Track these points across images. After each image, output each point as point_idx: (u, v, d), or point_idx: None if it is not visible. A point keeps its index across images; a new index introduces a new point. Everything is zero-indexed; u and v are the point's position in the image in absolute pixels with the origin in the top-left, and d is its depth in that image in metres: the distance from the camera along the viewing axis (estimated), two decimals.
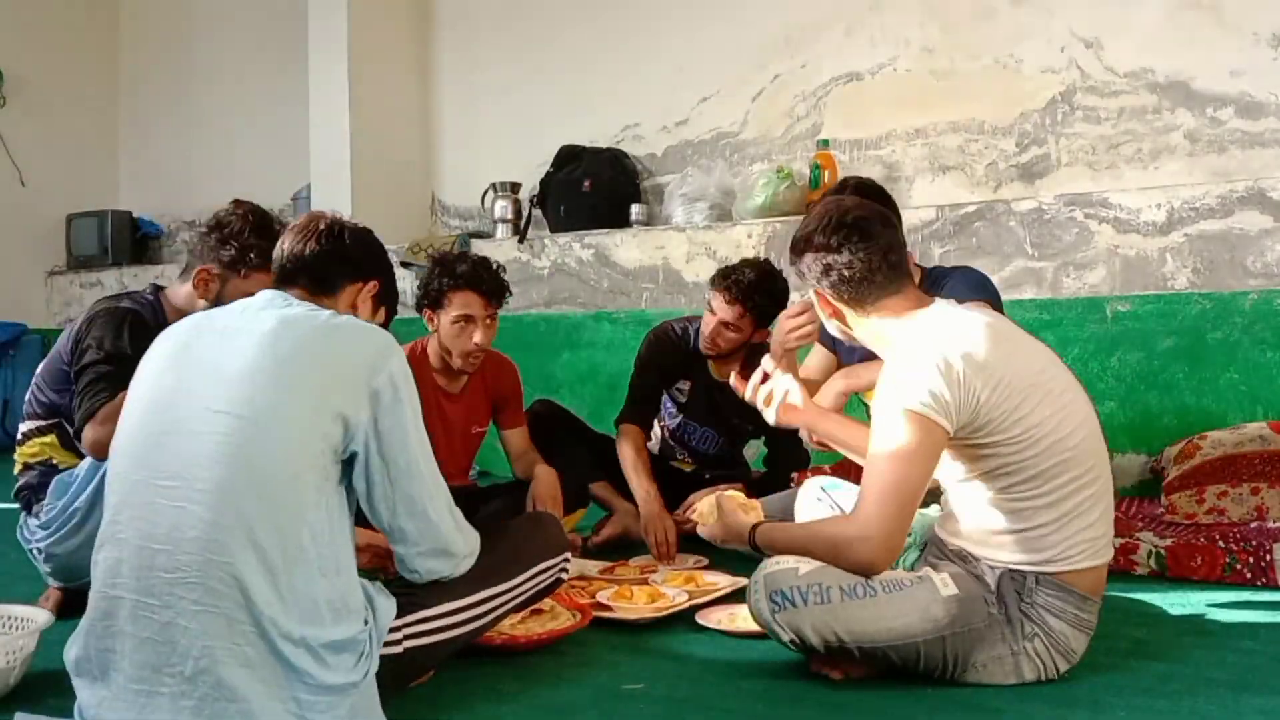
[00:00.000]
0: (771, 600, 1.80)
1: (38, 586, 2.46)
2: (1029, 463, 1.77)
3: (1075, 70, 3.82)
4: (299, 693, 1.50)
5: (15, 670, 1.86)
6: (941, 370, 1.74)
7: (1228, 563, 2.59)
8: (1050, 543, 1.78)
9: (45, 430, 2.43)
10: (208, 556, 1.48)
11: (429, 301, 2.84)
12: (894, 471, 1.74)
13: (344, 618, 1.56)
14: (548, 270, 4.73)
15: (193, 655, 1.47)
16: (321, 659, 1.52)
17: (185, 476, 1.52)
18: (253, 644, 1.48)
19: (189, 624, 1.47)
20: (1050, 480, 1.77)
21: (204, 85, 6.61)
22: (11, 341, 6.13)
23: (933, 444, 1.75)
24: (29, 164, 6.53)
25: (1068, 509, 1.78)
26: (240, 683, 1.47)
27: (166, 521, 1.50)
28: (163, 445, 1.55)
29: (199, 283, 2.41)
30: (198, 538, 1.49)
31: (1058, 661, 1.81)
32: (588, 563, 2.75)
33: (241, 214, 2.41)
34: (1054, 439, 1.77)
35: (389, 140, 5.55)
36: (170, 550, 1.49)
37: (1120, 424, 3.43)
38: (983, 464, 1.80)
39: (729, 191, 4.39)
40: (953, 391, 1.73)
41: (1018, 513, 1.79)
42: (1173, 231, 3.37)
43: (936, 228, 3.74)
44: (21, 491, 2.44)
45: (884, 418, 1.78)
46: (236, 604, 1.47)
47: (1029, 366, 1.81)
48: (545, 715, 1.78)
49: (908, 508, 1.76)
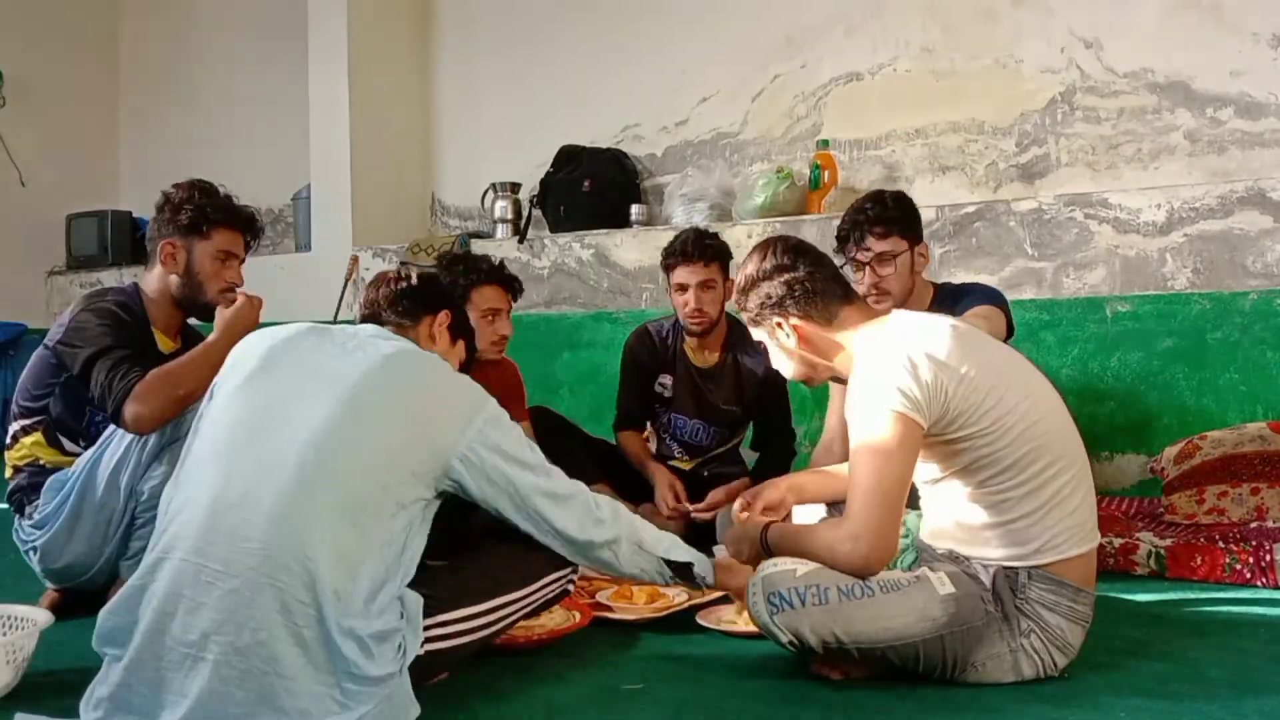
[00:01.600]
0: (769, 602, 1.80)
1: (38, 586, 2.46)
2: (1002, 453, 1.79)
3: (1075, 70, 3.82)
4: (344, 681, 1.54)
5: (15, 670, 1.86)
6: (908, 369, 1.78)
7: (1228, 563, 2.59)
8: (1035, 533, 1.80)
9: (30, 429, 2.41)
10: (286, 534, 1.54)
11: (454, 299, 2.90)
12: (875, 470, 1.77)
13: (386, 610, 1.62)
14: (548, 270, 4.73)
15: (250, 626, 1.51)
16: (368, 649, 1.56)
17: (277, 456, 1.60)
18: (311, 627, 1.52)
19: (256, 595, 1.51)
20: (1025, 469, 1.79)
21: (204, 86, 6.61)
22: (11, 341, 6.12)
23: (910, 439, 1.78)
24: (29, 164, 6.52)
25: (1047, 496, 1.80)
26: (293, 660, 1.51)
27: (246, 491, 1.57)
28: (265, 425, 1.65)
29: (165, 258, 2.46)
30: (277, 514, 1.55)
31: (1055, 656, 1.81)
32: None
33: (183, 185, 2.52)
34: (1024, 427, 1.80)
35: (389, 140, 5.55)
36: (250, 520, 1.55)
37: (1120, 424, 3.44)
38: (958, 459, 1.82)
39: (729, 192, 4.39)
40: (921, 388, 1.77)
41: (999, 505, 1.81)
42: (1173, 232, 3.37)
43: (936, 228, 3.74)
44: (14, 495, 2.43)
45: (860, 421, 1.81)
46: (304, 585, 1.52)
47: (991, 360, 1.86)
48: (545, 715, 1.78)
49: (894, 505, 1.78)
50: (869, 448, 1.78)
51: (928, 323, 1.91)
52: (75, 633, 2.23)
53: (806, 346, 1.98)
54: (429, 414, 1.74)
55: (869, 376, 1.83)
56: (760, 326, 2.03)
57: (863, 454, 1.79)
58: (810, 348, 1.98)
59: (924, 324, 1.91)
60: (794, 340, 1.98)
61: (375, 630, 1.57)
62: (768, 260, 1.99)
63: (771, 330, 2.01)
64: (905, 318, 1.94)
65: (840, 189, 4.20)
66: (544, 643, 2.08)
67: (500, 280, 2.98)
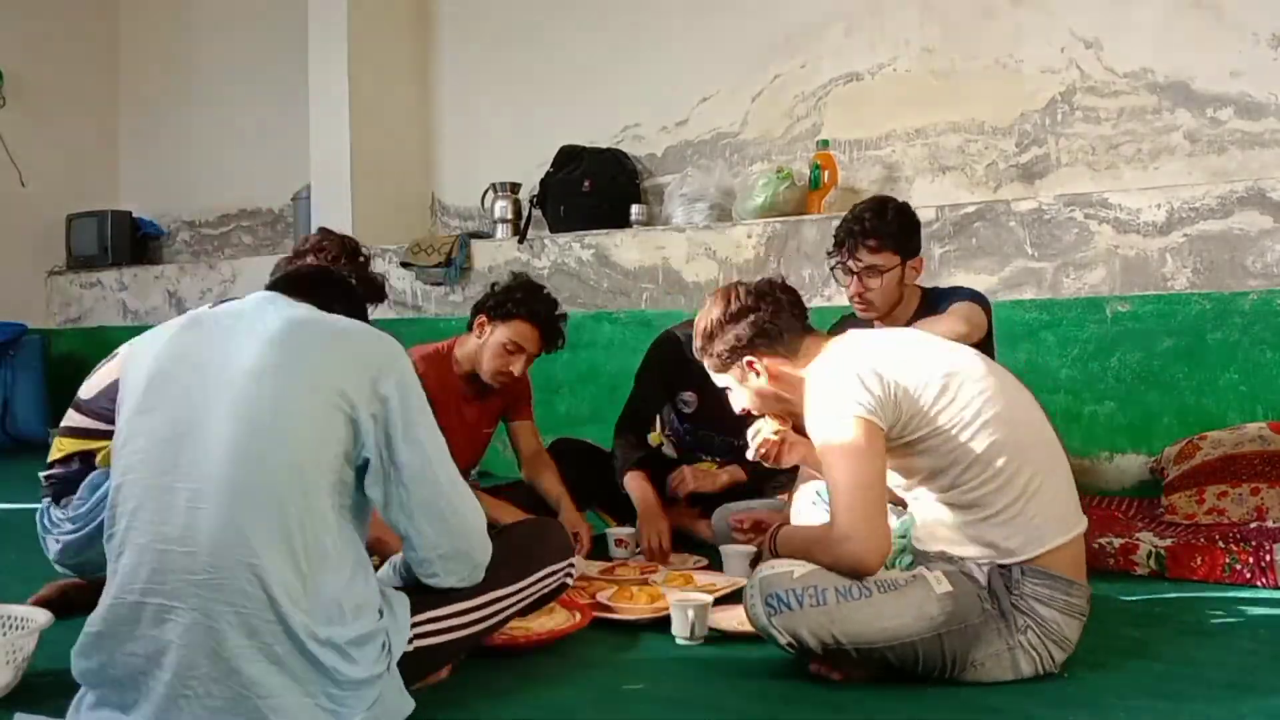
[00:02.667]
0: (767, 604, 1.80)
1: (38, 586, 2.45)
2: (962, 451, 1.82)
3: (1075, 70, 3.82)
4: (328, 688, 1.52)
5: (15, 670, 1.86)
6: (860, 378, 1.84)
7: (1228, 563, 2.59)
8: (1017, 526, 1.81)
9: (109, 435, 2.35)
10: (231, 557, 1.48)
11: (494, 311, 2.84)
12: (849, 470, 1.80)
13: (363, 613, 1.58)
14: (547, 270, 4.73)
15: (222, 655, 1.48)
16: (347, 655, 1.53)
17: (200, 478, 1.52)
18: (280, 642, 1.49)
19: (215, 624, 1.48)
20: (990, 464, 1.81)
21: (204, 85, 6.61)
22: (11, 341, 6.12)
23: (875, 438, 1.82)
24: (29, 164, 6.52)
25: (1019, 488, 1.81)
26: (271, 680, 1.48)
27: (183, 523, 1.50)
28: (179, 449, 1.54)
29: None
30: (217, 539, 1.49)
31: (1053, 652, 1.82)
32: (588, 563, 2.75)
33: None
34: (979, 422, 1.82)
35: (389, 140, 5.55)
36: (193, 552, 1.49)
37: (1120, 424, 3.44)
38: (923, 460, 1.85)
39: (729, 192, 4.39)
40: (874, 394, 1.82)
41: (976, 503, 1.83)
42: (1173, 232, 3.37)
43: (936, 228, 3.74)
44: (56, 481, 2.40)
45: (823, 433, 1.85)
46: (262, 604, 1.48)
47: (940, 359, 1.91)
48: (545, 715, 1.78)
49: (874, 500, 1.80)
50: (838, 451, 1.82)
51: (871, 339, 2.02)
52: (75, 633, 2.23)
53: (777, 384, 2.05)
54: (337, 383, 1.57)
55: (822, 395, 1.89)
56: (728, 371, 2.09)
57: (833, 457, 1.82)
58: (781, 384, 2.05)
59: (867, 342, 2.00)
60: (765, 379, 2.05)
61: (354, 635, 1.54)
62: (732, 304, 2.07)
63: (742, 373, 2.08)
64: (849, 340, 2.02)
65: (840, 189, 4.20)
66: (544, 642, 2.08)
67: (545, 326, 2.84)
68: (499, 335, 2.82)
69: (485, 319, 2.86)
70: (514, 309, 2.82)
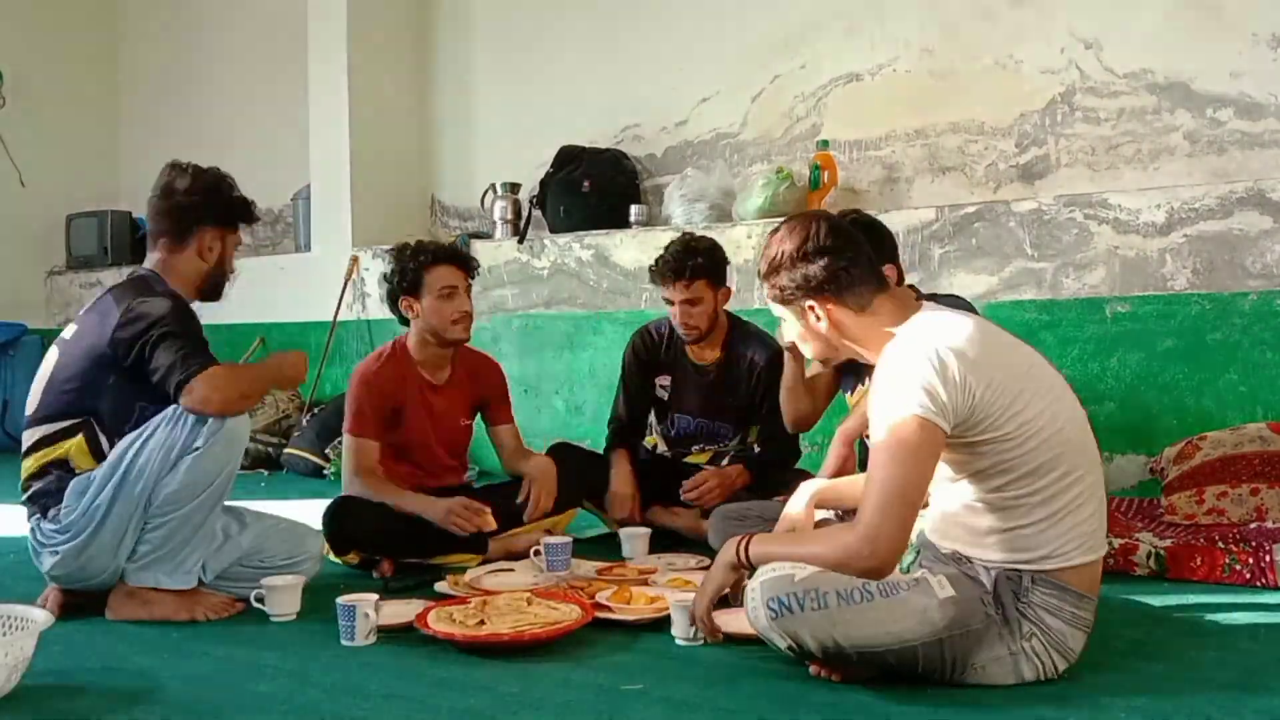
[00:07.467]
0: (768, 607, 1.79)
1: (38, 586, 2.45)
2: (1023, 459, 1.77)
3: (1075, 71, 3.82)
4: None
5: (15, 671, 1.85)
6: (936, 368, 1.74)
7: (1227, 563, 2.59)
8: (1044, 540, 1.78)
9: (72, 431, 2.35)
10: None
11: (407, 288, 2.93)
12: (895, 477, 1.73)
13: None
14: (547, 271, 4.73)
15: None
16: None
17: None
18: None
19: None
20: (1044, 476, 1.77)
21: (204, 86, 6.62)
22: (11, 341, 6.13)
23: (932, 445, 1.74)
24: (29, 164, 6.52)
25: (1061, 505, 1.78)
26: None
27: None
28: None
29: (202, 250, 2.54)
30: None
31: (1056, 660, 1.81)
32: (588, 563, 2.74)
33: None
34: (1047, 434, 1.77)
35: (388, 140, 5.56)
36: None
37: (1120, 424, 3.44)
38: (977, 462, 1.80)
39: (729, 192, 4.39)
40: (948, 390, 1.73)
41: (1010, 510, 1.79)
42: (1172, 232, 3.37)
43: (936, 228, 3.74)
44: (40, 496, 2.36)
45: (882, 421, 1.77)
46: None
47: (1019, 363, 1.83)
48: (545, 715, 1.78)
49: (910, 512, 1.76)
50: (890, 451, 1.75)
51: (960, 320, 1.86)
52: (75, 633, 2.23)
53: (835, 331, 1.93)
54: None
55: (895, 371, 1.79)
56: (789, 305, 1.96)
57: (883, 456, 1.75)
58: (839, 332, 1.93)
59: (956, 320, 1.85)
60: (825, 324, 1.92)
61: None
62: (810, 241, 1.90)
63: (802, 311, 1.94)
64: (935, 314, 1.89)
65: (840, 189, 4.20)
66: (544, 642, 2.08)
67: (452, 258, 2.97)
68: (429, 298, 2.91)
69: (407, 300, 2.95)
70: (415, 270, 2.91)
